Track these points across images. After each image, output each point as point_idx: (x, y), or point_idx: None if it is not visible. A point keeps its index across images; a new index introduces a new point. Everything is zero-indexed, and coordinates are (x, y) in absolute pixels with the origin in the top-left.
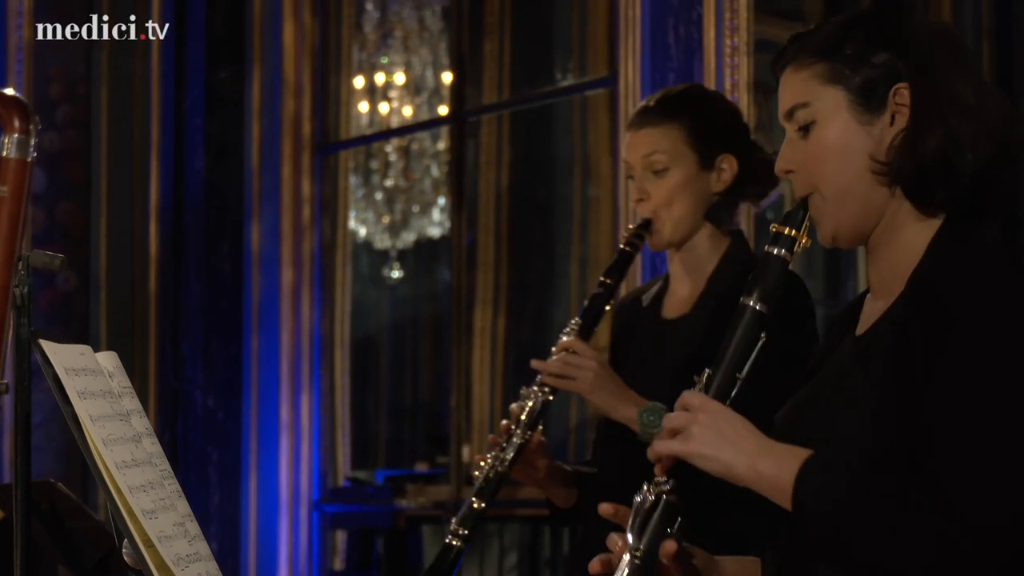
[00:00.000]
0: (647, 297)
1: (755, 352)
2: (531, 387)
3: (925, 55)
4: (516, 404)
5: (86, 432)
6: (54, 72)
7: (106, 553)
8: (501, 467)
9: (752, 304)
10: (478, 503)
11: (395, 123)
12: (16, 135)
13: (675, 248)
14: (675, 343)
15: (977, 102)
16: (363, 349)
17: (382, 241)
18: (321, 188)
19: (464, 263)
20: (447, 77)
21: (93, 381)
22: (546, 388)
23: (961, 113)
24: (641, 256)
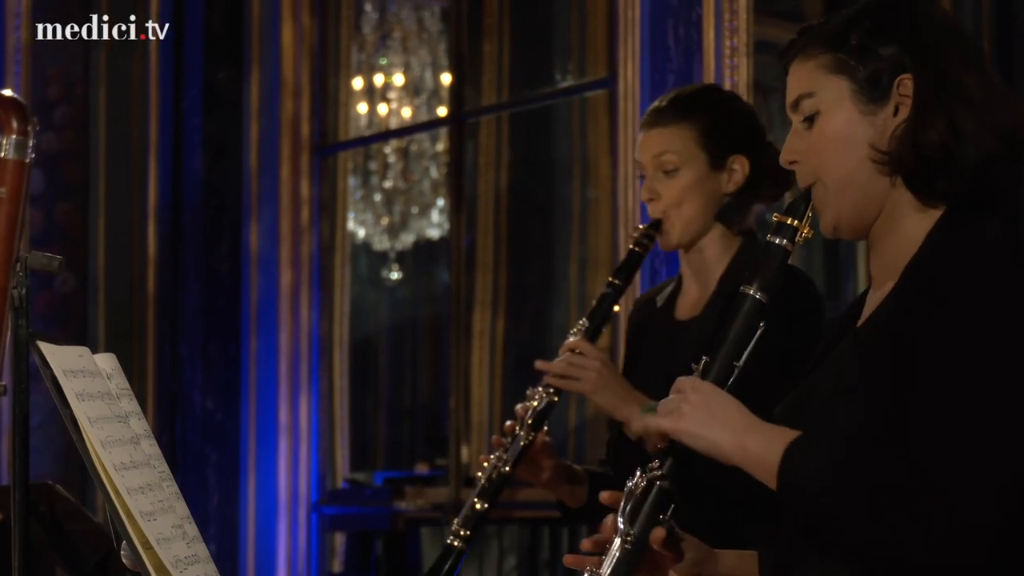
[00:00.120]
0: (661, 298)
1: (753, 341)
2: (537, 388)
3: (931, 48)
4: (521, 405)
5: (84, 434)
6: (52, 73)
7: (105, 555)
8: (504, 468)
9: (752, 293)
10: (480, 504)
11: (394, 124)
12: (14, 136)
13: (685, 249)
14: (686, 344)
15: (982, 96)
16: (362, 350)
17: (381, 242)
18: (320, 189)
19: (463, 264)
20: (446, 78)
21: (91, 383)
22: (551, 389)
23: (966, 107)
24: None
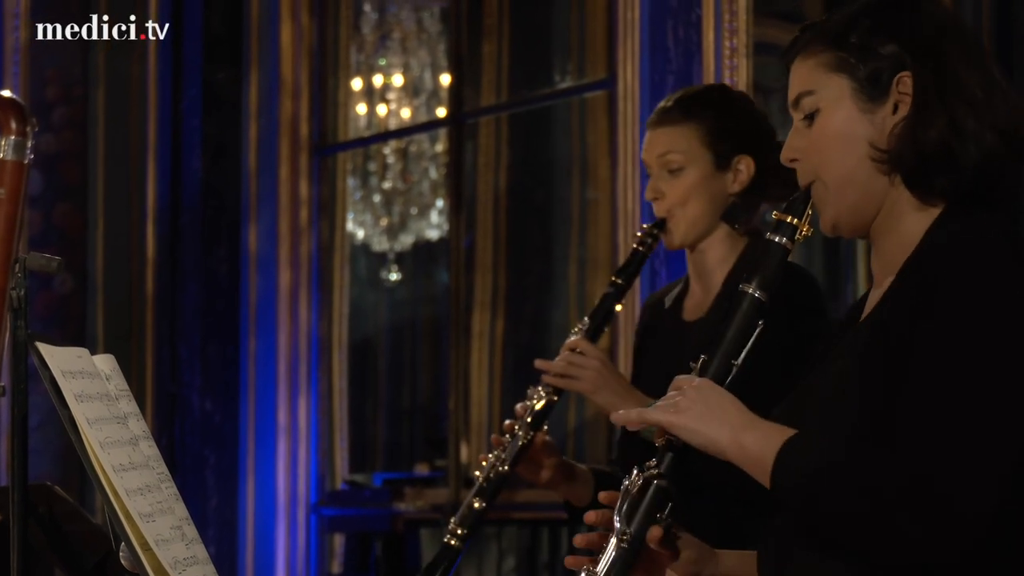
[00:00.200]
0: (669, 299)
1: (752, 339)
2: (537, 387)
3: (932, 46)
4: (521, 404)
5: (83, 435)
6: (51, 74)
7: (103, 557)
8: (502, 467)
9: (751, 292)
10: (478, 503)
11: (393, 125)
12: (13, 137)
13: (690, 249)
14: (691, 345)
15: (983, 94)
16: (361, 351)
17: (380, 243)
18: (319, 190)
19: (462, 265)
20: (445, 79)
21: (90, 384)
22: (550, 388)
23: (967, 104)
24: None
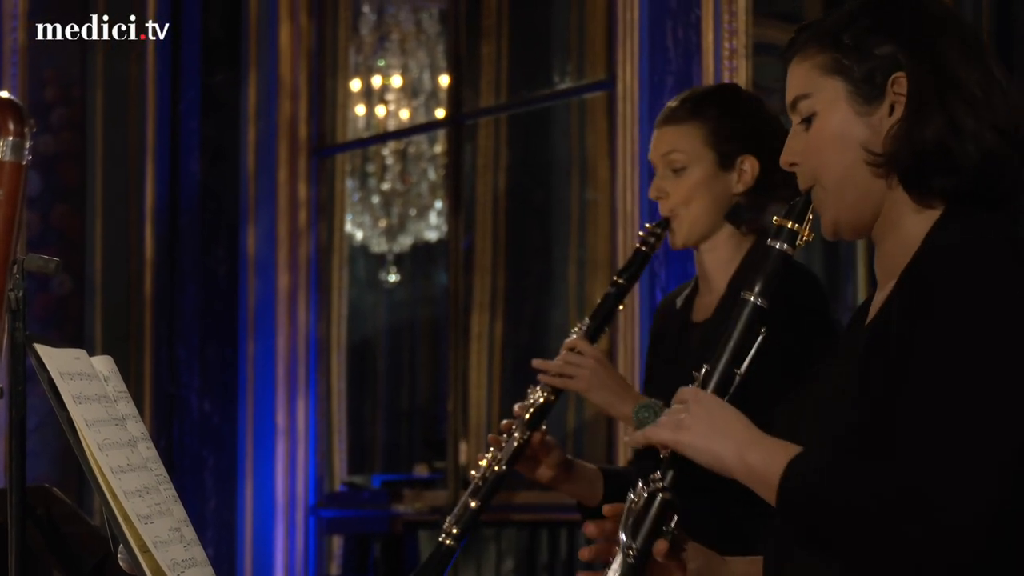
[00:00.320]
0: (680, 300)
1: (755, 347)
2: (536, 387)
3: (928, 44)
4: (519, 404)
5: (81, 437)
6: (49, 75)
7: (101, 559)
8: (499, 467)
9: (752, 299)
10: (474, 503)
11: (392, 126)
12: (11, 138)
13: (696, 249)
14: (696, 347)
15: (982, 92)
16: (360, 353)
17: (379, 245)
18: (317, 191)
19: (461, 267)
20: (444, 80)
21: (88, 385)
22: (548, 388)
23: (965, 103)
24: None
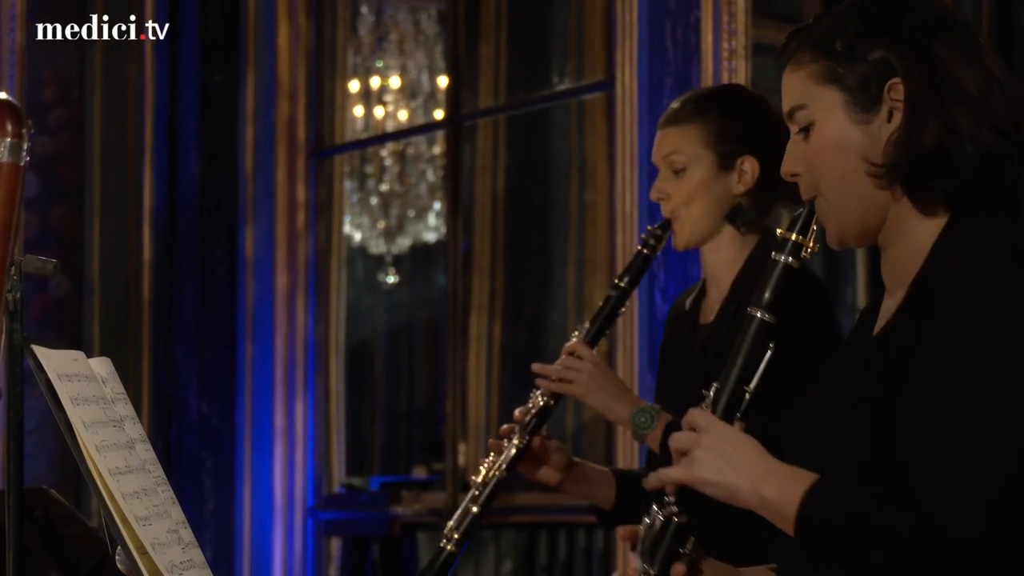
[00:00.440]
0: (688, 301)
1: (764, 364)
2: (536, 391)
3: (922, 46)
4: (520, 408)
5: (79, 438)
6: (47, 75)
7: (100, 560)
8: (499, 472)
9: (759, 315)
10: (474, 508)
11: (390, 127)
12: (8, 139)
13: (700, 251)
14: (700, 348)
15: (980, 92)
16: (358, 355)
17: (377, 246)
18: (316, 193)
19: (460, 268)
20: (443, 81)
21: (86, 387)
22: (547, 392)
23: (962, 104)
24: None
